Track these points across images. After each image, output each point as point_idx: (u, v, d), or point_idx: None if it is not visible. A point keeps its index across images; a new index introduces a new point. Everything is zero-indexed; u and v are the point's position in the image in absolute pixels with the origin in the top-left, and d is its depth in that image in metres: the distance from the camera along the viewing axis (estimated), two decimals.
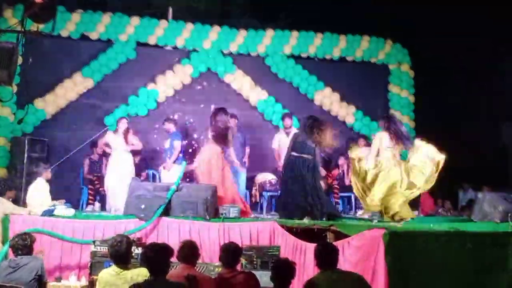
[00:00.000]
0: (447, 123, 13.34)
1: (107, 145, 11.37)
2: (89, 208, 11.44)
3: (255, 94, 13.73)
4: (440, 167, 9.49)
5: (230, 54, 13.82)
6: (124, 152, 11.09)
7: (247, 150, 12.26)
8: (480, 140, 13.06)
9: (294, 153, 9.96)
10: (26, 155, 11.12)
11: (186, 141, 12.25)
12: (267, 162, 12.33)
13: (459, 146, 13.36)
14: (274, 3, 13.45)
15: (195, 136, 12.57)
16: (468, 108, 13.20)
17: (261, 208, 12.02)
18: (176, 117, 12.64)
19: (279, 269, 5.73)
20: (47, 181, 9.94)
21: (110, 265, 6.19)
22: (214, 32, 13.64)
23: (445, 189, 13.11)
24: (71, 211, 9.65)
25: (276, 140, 11.88)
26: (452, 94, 13.26)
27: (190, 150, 12.10)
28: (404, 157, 10.14)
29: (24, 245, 7.05)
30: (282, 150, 11.27)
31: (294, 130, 11.13)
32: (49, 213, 9.35)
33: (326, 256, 5.80)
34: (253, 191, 12.35)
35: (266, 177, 12.05)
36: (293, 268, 5.76)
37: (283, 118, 12.26)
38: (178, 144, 11.60)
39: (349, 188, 12.65)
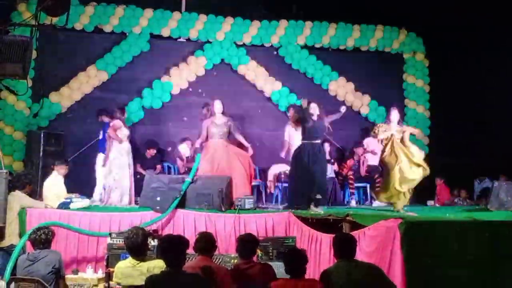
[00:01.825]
0: (462, 112, 13.23)
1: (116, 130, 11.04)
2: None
3: (269, 85, 13.71)
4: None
5: (244, 45, 13.79)
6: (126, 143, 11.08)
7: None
8: (496, 129, 12.93)
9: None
10: (42, 149, 11.16)
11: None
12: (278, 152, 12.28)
13: (476, 135, 13.28)
14: None
15: None
16: (484, 97, 13.06)
17: (276, 200, 12.04)
18: None
19: (290, 259, 5.74)
20: (64, 176, 9.99)
21: (126, 257, 6.22)
22: (228, 24, 13.61)
23: (461, 178, 13.05)
24: (86, 202, 9.70)
25: (286, 132, 11.77)
26: (468, 83, 13.13)
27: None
28: None
29: (46, 239, 7.10)
30: (292, 142, 11.27)
31: None
32: (65, 206, 9.41)
33: (344, 246, 5.80)
34: (268, 183, 12.39)
35: (280, 169, 12.06)
36: (303, 256, 5.77)
37: (288, 109, 12.24)
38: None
39: (365, 179, 12.69)
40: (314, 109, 10.08)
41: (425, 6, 12.88)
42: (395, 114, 9.68)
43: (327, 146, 12.26)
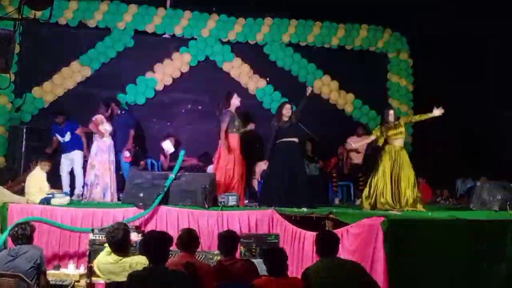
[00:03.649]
0: (446, 112, 13.32)
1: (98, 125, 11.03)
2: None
3: (254, 83, 13.70)
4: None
5: (229, 42, 13.77)
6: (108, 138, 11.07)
7: (132, 132, 11.79)
8: (479, 129, 13.04)
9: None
10: (24, 144, 11.10)
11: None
12: (266, 151, 12.26)
13: (458, 135, 13.38)
14: None
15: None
16: (467, 97, 13.16)
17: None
18: None
19: (269, 259, 5.75)
20: (46, 172, 9.93)
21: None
22: (212, 20, 13.58)
23: (443, 178, 13.13)
24: (67, 199, 9.64)
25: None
26: (451, 83, 13.21)
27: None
28: None
29: (23, 234, 7.04)
30: None
31: None
32: (46, 201, 9.34)
33: (327, 244, 5.80)
34: (252, 180, 12.37)
35: (264, 166, 12.04)
36: (283, 255, 5.78)
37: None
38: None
39: (348, 177, 12.73)
40: (288, 110, 10.26)
41: (409, 6, 12.94)
42: (391, 115, 9.98)
43: (309, 145, 12.32)
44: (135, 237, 7.62)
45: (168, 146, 12.18)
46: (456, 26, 12.78)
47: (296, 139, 10.28)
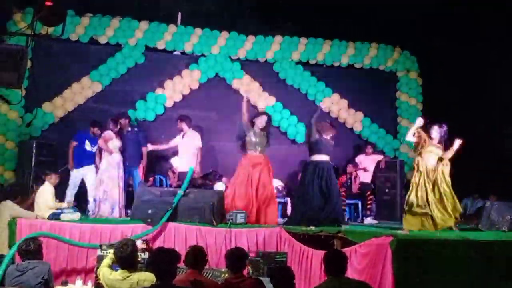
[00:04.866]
0: (455, 131, 13.28)
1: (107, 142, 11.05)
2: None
3: (263, 100, 13.73)
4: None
5: (238, 59, 13.83)
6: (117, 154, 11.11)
7: (144, 150, 11.94)
8: (488, 148, 12.98)
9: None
10: (33, 159, 11.13)
11: None
12: (274, 169, 12.23)
13: (468, 154, 13.31)
14: (283, 9, 13.43)
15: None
16: (476, 116, 13.13)
17: None
18: None
19: (278, 279, 5.73)
20: (54, 186, 9.94)
21: (117, 270, 6.18)
22: (223, 38, 13.66)
23: None
24: (77, 215, 9.67)
25: None
26: (460, 102, 13.20)
27: None
28: None
29: (31, 249, 7.05)
30: None
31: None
32: (55, 216, 9.36)
33: (335, 263, 5.77)
34: None
35: (274, 184, 12.02)
36: (289, 274, 5.77)
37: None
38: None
39: (357, 195, 12.71)
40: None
41: (419, 25, 12.98)
42: (435, 131, 9.60)
43: None
44: (139, 244, 7.62)
45: (177, 163, 12.18)
46: (465, 45, 12.77)
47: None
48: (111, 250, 7.22)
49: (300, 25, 13.77)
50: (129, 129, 11.86)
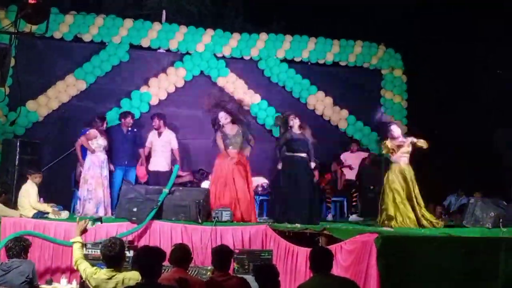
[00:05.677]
0: (440, 128, 13.37)
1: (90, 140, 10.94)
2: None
3: (248, 98, 13.70)
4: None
5: (224, 57, 13.81)
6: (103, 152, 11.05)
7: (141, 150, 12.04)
8: (473, 146, 13.07)
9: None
10: (17, 157, 11.05)
11: None
12: (258, 166, 12.24)
13: (452, 151, 13.39)
14: (268, 7, 13.45)
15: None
16: (461, 114, 13.21)
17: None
18: None
19: (259, 274, 5.74)
20: (38, 185, 9.89)
21: (102, 268, 6.16)
22: (208, 35, 13.61)
23: (436, 194, 13.12)
24: (66, 214, 9.64)
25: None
26: (445, 100, 13.28)
27: None
28: None
29: (17, 248, 7.02)
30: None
31: None
32: (40, 215, 9.32)
33: (321, 260, 5.77)
34: None
35: (257, 181, 12.04)
36: (274, 272, 5.77)
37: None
38: None
39: (342, 193, 12.74)
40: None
41: (403, 23, 13.04)
42: (396, 128, 9.96)
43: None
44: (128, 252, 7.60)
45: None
46: (451, 42, 12.84)
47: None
48: (96, 250, 7.24)
49: (285, 22, 13.78)
50: (129, 128, 11.86)
